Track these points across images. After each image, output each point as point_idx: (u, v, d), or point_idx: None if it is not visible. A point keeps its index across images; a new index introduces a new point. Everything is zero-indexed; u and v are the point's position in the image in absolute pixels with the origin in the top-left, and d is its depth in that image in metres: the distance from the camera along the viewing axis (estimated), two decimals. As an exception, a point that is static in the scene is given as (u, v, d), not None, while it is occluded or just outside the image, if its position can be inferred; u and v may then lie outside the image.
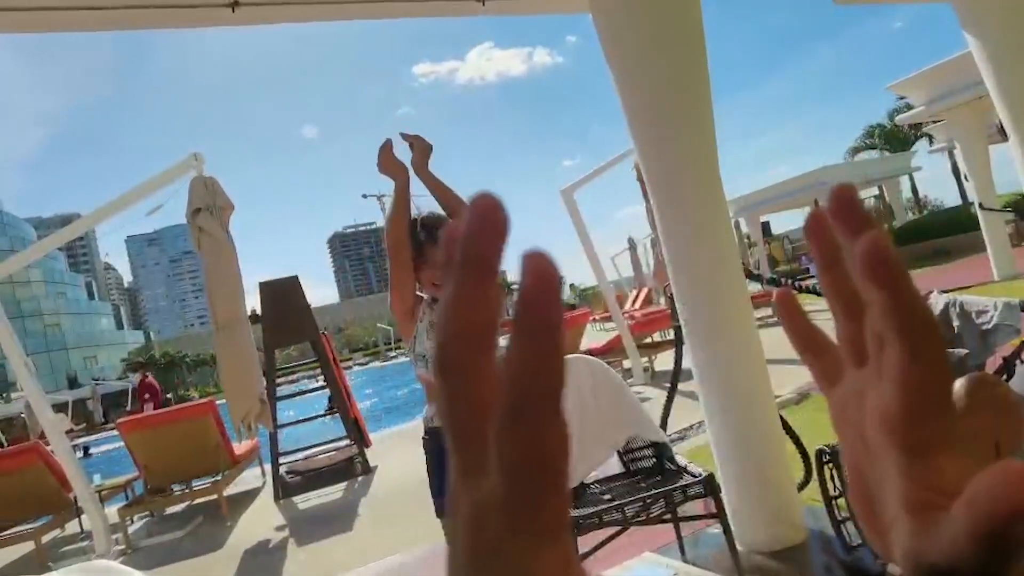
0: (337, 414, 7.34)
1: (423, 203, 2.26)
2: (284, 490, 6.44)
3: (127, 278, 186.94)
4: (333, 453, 6.93)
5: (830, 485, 2.03)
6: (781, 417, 2.92)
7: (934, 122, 13.41)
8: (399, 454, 7.17)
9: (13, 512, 6.16)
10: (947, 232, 18.14)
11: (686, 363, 3.39)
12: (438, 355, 0.20)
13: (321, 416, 7.66)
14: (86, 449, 16.17)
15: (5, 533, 6.05)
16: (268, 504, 6.31)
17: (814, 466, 2.06)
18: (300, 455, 7.11)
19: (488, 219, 0.21)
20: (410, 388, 19.13)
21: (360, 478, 6.48)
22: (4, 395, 42.70)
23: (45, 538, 6.23)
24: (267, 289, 6.71)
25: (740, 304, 2.84)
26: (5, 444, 15.80)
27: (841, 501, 2.02)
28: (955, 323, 2.27)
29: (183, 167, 5.53)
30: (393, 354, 41.46)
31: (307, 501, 6.12)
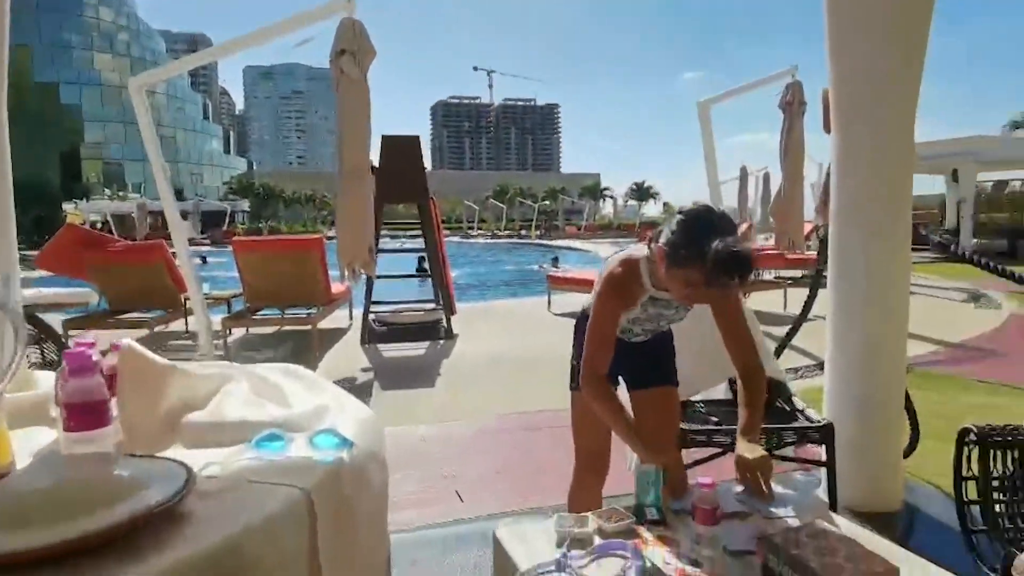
0: (428, 277, 7.60)
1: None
2: (370, 336, 6.80)
3: (239, 106, 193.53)
4: (420, 313, 7.21)
5: (964, 466, 1.96)
6: (904, 385, 2.81)
7: None
8: (481, 328, 7.42)
9: (134, 299, 6.79)
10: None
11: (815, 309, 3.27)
12: None
13: (415, 276, 7.93)
14: (203, 258, 17.41)
15: (127, 316, 6.70)
16: (354, 346, 6.70)
17: (955, 444, 1.98)
18: (389, 308, 7.43)
19: None
20: (494, 268, 19.50)
21: (442, 341, 6.77)
22: (121, 193, 46.06)
23: (156, 328, 6.89)
24: (389, 143, 6.78)
25: (901, 263, 2.67)
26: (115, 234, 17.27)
27: (970, 484, 1.96)
28: None
29: (333, 6, 5.47)
30: (475, 233, 42.10)
31: (391, 351, 6.47)
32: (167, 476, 0.98)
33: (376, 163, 6.80)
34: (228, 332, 6.81)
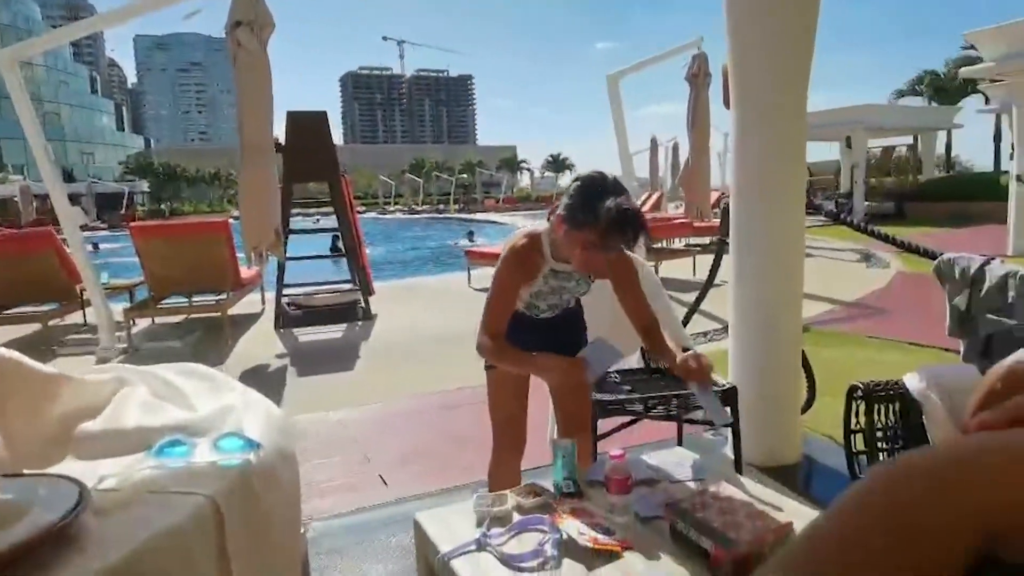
0: (344, 257, 7.44)
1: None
2: (284, 321, 6.61)
3: (131, 79, 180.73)
4: (336, 294, 7.06)
5: (853, 419, 2.12)
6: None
7: (993, 81, 12.79)
8: (400, 307, 7.34)
9: (21, 293, 6.30)
10: (970, 196, 17.83)
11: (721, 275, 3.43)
12: None
13: (328, 256, 7.71)
14: (95, 245, 16.24)
15: (14, 311, 6.22)
16: (268, 331, 6.49)
17: (842, 402, 2.14)
18: (303, 290, 7.23)
19: None
20: (413, 245, 19.26)
21: (360, 323, 6.66)
22: (0, 175, 42.34)
23: (49, 323, 6.43)
24: (295, 120, 6.53)
25: (796, 230, 2.83)
26: None
27: (858, 436, 2.13)
28: (1010, 293, 2.28)
29: (227, -28, 5.17)
30: (391, 209, 41.32)
31: (307, 335, 6.31)
32: (57, 495, 0.92)
33: (282, 140, 6.55)
34: (131, 323, 6.46)
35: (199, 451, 1.15)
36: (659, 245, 9.58)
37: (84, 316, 6.89)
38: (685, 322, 3.79)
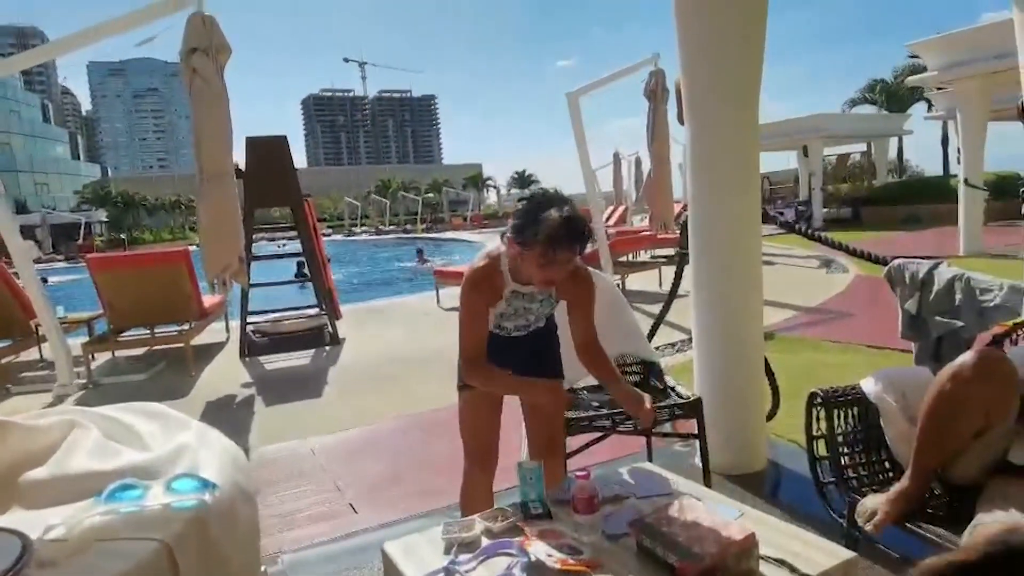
0: (308, 281, 7.36)
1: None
2: (250, 349, 6.50)
3: (85, 106, 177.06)
4: (302, 320, 6.97)
5: (814, 426, 2.16)
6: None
7: (937, 89, 13.30)
8: (369, 330, 7.28)
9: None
10: (921, 200, 18.43)
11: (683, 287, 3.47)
12: None
13: (293, 282, 7.62)
14: (44, 279, 15.74)
15: (-36, 349, 6.01)
16: (233, 360, 6.38)
17: (804, 408, 2.17)
18: (268, 317, 7.12)
19: None
20: (377, 266, 19.12)
21: (328, 348, 6.58)
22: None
23: (2, 360, 6.22)
24: (253, 145, 6.47)
25: (753, 241, 2.88)
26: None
27: (820, 442, 2.16)
28: (957, 296, 2.35)
29: (180, 1, 5.14)
30: (358, 230, 41.04)
31: (273, 363, 6.21)
32: (-2, 549, 0.89)
33: (242, 166, 6.48)
34: (91, 357, 6.28)
35: (152, 494, 1.12)
36: (625, 258, 9.68)
37: (40, 352, 6.69)
38: (651, 334, 3.82)
